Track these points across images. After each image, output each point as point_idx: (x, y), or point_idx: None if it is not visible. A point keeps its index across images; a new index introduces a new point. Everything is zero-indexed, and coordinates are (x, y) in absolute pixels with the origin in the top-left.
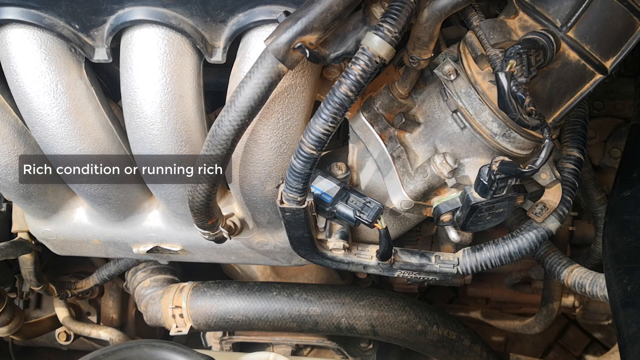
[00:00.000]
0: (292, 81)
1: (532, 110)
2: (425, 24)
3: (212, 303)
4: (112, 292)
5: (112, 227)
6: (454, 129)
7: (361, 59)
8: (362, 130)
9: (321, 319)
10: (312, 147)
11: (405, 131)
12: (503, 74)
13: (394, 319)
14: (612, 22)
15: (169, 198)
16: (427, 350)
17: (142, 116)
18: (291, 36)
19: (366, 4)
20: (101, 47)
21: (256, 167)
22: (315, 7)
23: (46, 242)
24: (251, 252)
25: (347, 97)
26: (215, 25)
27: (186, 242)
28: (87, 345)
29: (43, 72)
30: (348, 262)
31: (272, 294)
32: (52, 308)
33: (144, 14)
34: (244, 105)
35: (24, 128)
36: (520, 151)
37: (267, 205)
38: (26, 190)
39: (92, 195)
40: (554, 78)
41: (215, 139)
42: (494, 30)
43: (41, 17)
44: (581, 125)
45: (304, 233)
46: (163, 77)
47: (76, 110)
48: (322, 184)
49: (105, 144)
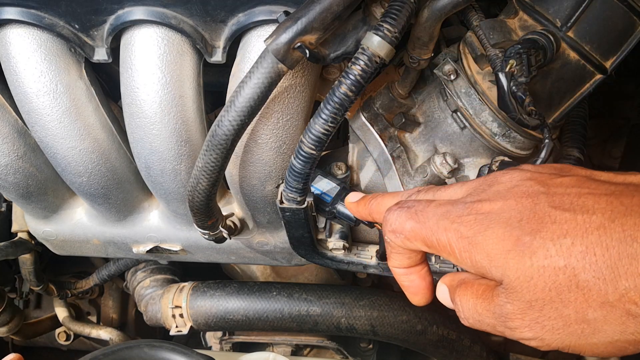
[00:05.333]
0: (292, 81)
1: (532, 110)
2: (425, 24)
3: (212, 303)
4: (112, 292)
5: (112, 227)
6: (454, 129)
7: (361, 58)
8: (362, 130)
9: (321, 319)
10: (311, 147)
11: (405, 131)
12: (503, 74)
13: (394, 319)
14: (612, 22)
15: (169, 198)
16: (427, 350)
17: (142, 116)
18: (291, 36)
19: (366, 4)
20: (101, 47)
21: (256, 167)
22: (315, 7)
23: (46, 242)
24: (251, 252)
25: (347, 97)
26: (215, 25)
27: (186, 242)
28: (87, 345)
29: (43, 72)
30: (348, 262)
31: (272, 294)
32: (52, 308)
33: (144, 14)
34: (244, 105)
35: (24, 128)
36: (520, 151)
37: (267, 205)
38: (26, 190)
39: (92, 195)
40: (554, 78)
41: (215, 139)
42: (494, 30)
43: (41, 17)
44: (581, 125)
45: (304, 233)
46: (163, 77)
47: (76, 110)
48: (322, 184)
49: (105, 144)
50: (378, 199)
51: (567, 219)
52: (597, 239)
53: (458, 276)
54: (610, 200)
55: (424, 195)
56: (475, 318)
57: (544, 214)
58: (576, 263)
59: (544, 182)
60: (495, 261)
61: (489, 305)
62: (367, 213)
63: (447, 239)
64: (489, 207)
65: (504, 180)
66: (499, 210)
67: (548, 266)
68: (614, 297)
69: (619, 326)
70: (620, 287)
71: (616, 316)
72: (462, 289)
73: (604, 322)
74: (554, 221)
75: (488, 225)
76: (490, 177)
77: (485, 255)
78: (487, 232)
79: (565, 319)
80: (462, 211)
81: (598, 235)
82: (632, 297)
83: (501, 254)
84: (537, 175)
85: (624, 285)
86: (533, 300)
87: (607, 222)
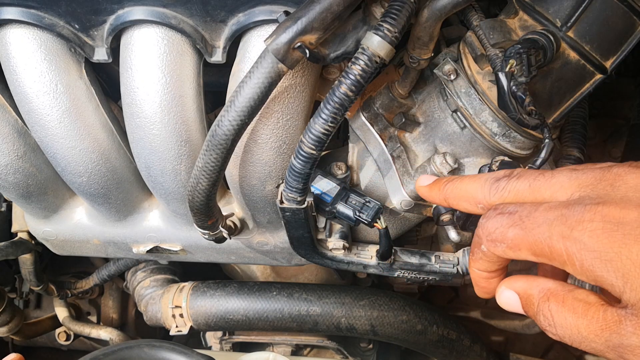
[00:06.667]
0: (292, 81)
1: (532, 110)
2: (425, 24)
3: (212, 303)
4: (112, 292)
5: (112, 227)
6: (454, 128)
7: (361, 58)
8: (362, 130)
9: (321, 319)
10: (311, 147)
11: (405, 131)
12: (503, 73)
13: (394, 318)
14: (612, 22)
15: (169, 198)
16: (427, 350)
17: (142, 116)
18: (291, 36)
19: (366, 4)
20: (101, 47)
21: (256, 167)
22: (315, 7)
23: (46, 242)
24: (251, 252)
25: (347, 96)
26: (215, 25)
27: (186, 242)
28: (87, 345)
29: (43, 72)
30: (348, 262)
31: (272, 293)
32: (52, 308)
33: (144, 14)
34: (244, 105)
35: (24, 128)
36: (520, 151)
37: (267, 205)
38: (26, 190)
39: (92, 195)
40: (554, 78)
41: (215, 139)
42: (494, 30)
43: (41, 17)
44: (581, 125)
45: (304, 233)
46: (163, 77)
47: (76, 110)
48: (322, 184)
49: (105, 144)
50: (456, 182)
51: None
52: None
53: (537, 284)
54: None
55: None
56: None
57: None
58: None
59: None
60: (632, 283)
61: (602, 331)
62: (442, 198)
63: (564, 248)
64: (619, 214)
65: (632, 184)
66: (635, 223)
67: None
68: None
69: None
70: None
71: None
72: (554, 302)
73: None
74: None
75: (623, 241)
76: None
77: (620, 275)
78: (622, 249)
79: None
80: (582, 215)
81: None
82: None
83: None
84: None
85: None
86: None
87: None
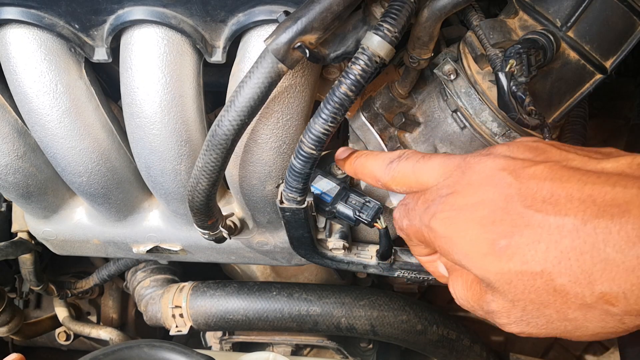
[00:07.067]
0: (292, 81)
1: (532, 110)
2: (425, 24)
3: (212, 303)
4: (112, 292)
5: (112, 227)
6: (454, 128)
7: (361, 58)
8: (362, 130)
9: (321, 319)
10: (311, 147)
11: (405, 131)
12: (503, 73)
13: (394, 318)
14: (612, 22)
15: (169, 198)
16: (427, 350)
17: (142, 116)
18: (291, 36)
19: (366, 4)
20: (101, 47)
21: (256, 167)
22: (315, 7)
23: (46, 242)
24: (251, 252)
25: (347, 96)
26: (215, 25)
27: (186, 242)
28: (87, 345)
29: (43, 72)
30: (348, 262)
31: (272, 293)
32: (52, 308)
33: (144, 14)
34: (244, 105)
35: (24, 128)
36: None
37: (267, 205)
38: (26, 190)
39: (92, 195)
40: (554, 78)
41: (215, 139)
42: (494, 30)
43: (41, 17)
44: (581, 125)
45: (303, 233)
46: (163, 77)
47: (76, 110)
48: (322, 184)
49: (105, 144)
50: (361, 158)
51: (540, 222)
52: (570, 244)
53: None
54: (583, 199)
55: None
56: (468, 307)
57: (517, 215)
58: (552, 268)
59: (516, 174)
60: (474, 262)
61: (479, 301)
62: (353, 172)
63: (429, 237)
64: (462, 201)
65: (477, 170)
66: (472, 208)
67: (525, 271)
68: (591, 299)
69: (599, 323)
70: (596, 291)
71: (595, 315)
72: (454, 275)
73: (584, 320)
74: (527, 224)
75: (463, 225)
76: (464, 162)
77: (463, 256)
78: (462, 233)
79: (547, 318)
80: (438, 206)
81: (571, 240)
82: (609, 299)
83: (479, 257)
84: (510, 164)
85: (599, 289)
86: (515, 300)
87: (579, 224)
